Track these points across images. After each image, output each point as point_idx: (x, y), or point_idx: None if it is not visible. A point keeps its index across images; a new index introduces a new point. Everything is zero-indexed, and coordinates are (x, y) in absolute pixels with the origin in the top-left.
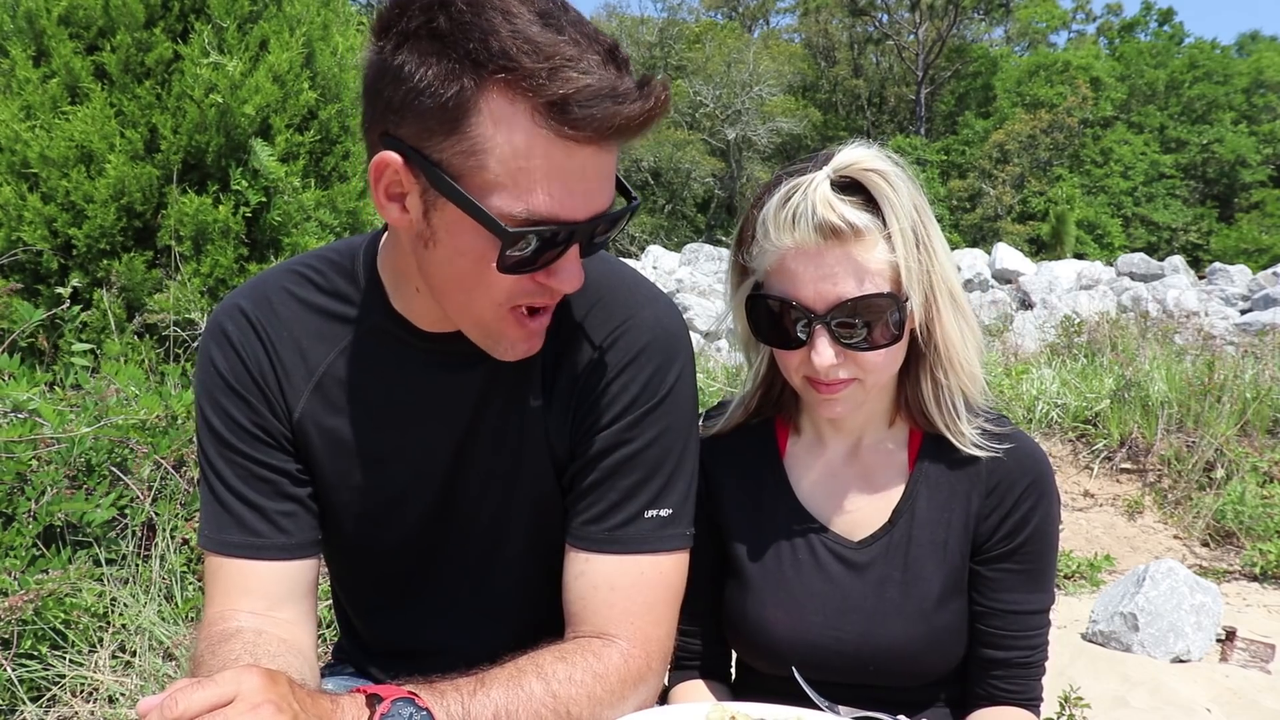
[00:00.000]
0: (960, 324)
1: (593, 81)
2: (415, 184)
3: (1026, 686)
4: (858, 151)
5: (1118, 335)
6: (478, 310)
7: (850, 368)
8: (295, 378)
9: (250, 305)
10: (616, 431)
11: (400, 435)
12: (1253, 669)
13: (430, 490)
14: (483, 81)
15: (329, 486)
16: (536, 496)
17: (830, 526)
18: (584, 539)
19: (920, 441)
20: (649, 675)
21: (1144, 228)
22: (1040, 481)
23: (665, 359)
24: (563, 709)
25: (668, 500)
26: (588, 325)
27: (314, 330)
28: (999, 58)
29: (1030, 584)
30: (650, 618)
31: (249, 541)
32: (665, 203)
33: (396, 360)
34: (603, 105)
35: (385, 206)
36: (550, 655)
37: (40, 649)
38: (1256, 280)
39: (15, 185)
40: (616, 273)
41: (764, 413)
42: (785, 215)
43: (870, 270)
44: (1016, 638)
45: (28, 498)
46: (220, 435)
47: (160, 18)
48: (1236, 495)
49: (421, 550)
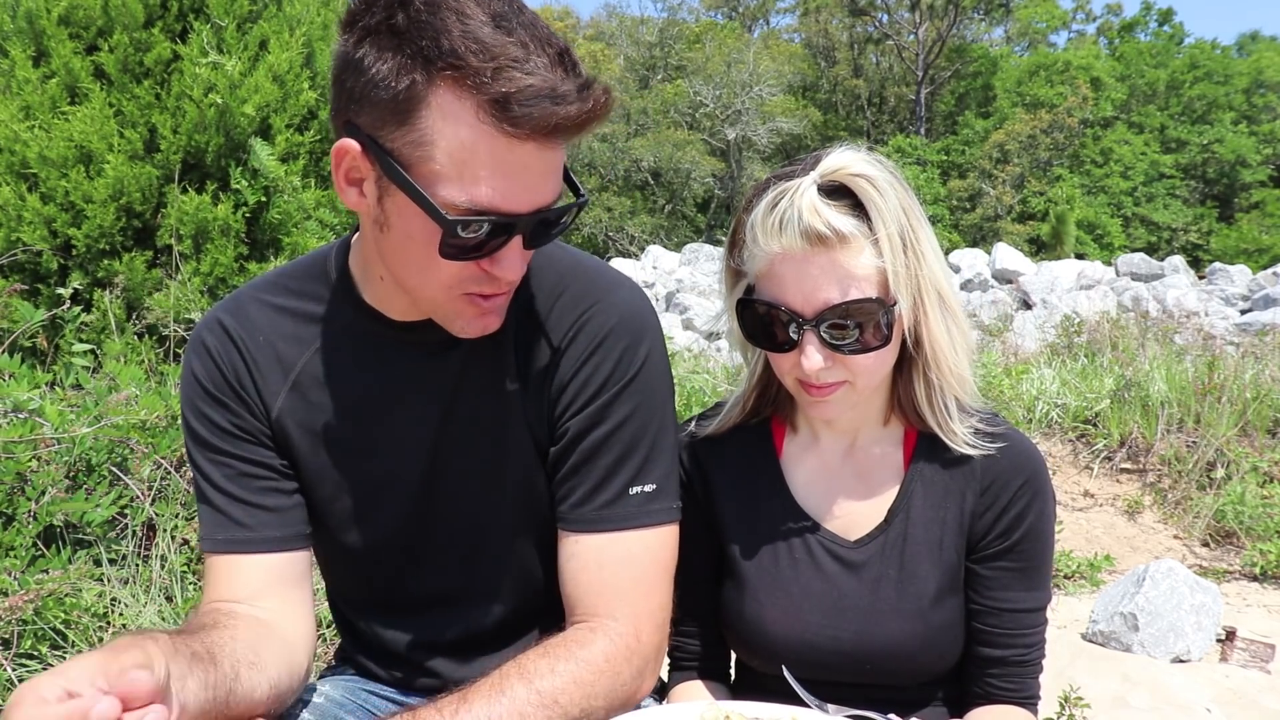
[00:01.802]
0: (949, 327)
1: (535, 82)
2: (371, 170)
3: (1024, 685)
4: (845, 156)
5: (1118, 335)
6: (430, 292)
7: (840, 371)
8: (272, 380)
9: (228, 317)
10: (591, 413)
11: (379, 426)
12: (1253, 669)
13: (413, 478)
14: (432, 77)
15: (313, 483)
16: (520, 479)
17: (826, 526)
18: (572, 521)
19: (915, 441)
20: (642, 649)
21: (1144, 228)
22: (1035, 479)
23: (633, 339)
24: (549, 701)
25: (650, 476)
26: (556, 312)
27: (288, 332)
28: (999, 58)
29: (1026, 582)
30: (640, 592)
31: (236, 536)
32: (665, 203)
33: (370, 352)
34: (541, 105)
35: (345, 190)
36: (534, 653)
37: (40, 649)
38: (1256, 280)
39: (15, 185)
40: (581, 262)
41: (761, 412)
42: (773, 221)
43: (857, 276)
44: (1013, 636)
45: (28, 498)
46: (203, 439)
47: (159, 18)
48: (1236, 495)
49: (410, 541)
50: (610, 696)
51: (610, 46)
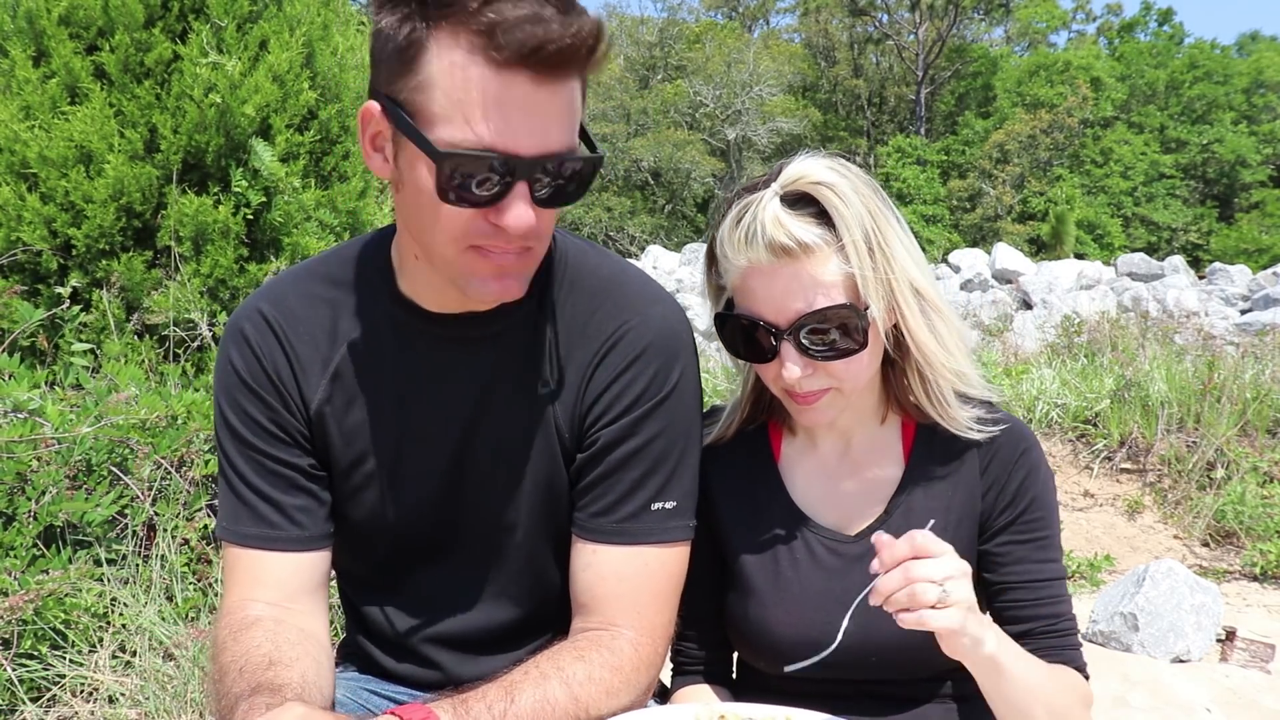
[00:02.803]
0: (932, 324)
1: (523, 12)
2: (388, 128)
3: (1061, 655)
4: (806, 164)
5: (1118, 335)
6: (440, 248)
7: (822, 377)
8: (312, 372)
9: (268, 306)
10: (622, 427)
11: (412, 417)
12: (1253, 669)
13: (439, 471)
14: (431, 23)
15: (343, 474)
16: (544, 481)
17: (826, 523)
18: (592, 530)
19: (915, 432)
20: (657, 661)
21: (1144, 228)
22: (1030, 450)
23: (669, 357)
24: (583, 711)
25: (673, 493)
26: (595, 321)
27: (328, 324)
28: (999, 58)
29: (1038, 551)
30: (655, 607)
31: (264, 533)
32: (665, 203)
33: (406, 344)
34: (524, 29)
35: (371, 156)
36: (569, 655)
37: (40, 649)
38: (1256, 280)
39: (14, 185)
40: (625, 272)
41: (757, 418)
42: (738, 235)
43: (825, 283)
44: (1035, 605)
45: (28, 498)
46: (237, 432)
47: (160, 18)
48: (1237, 495)
49: (431, 534)
50: (627, 704)
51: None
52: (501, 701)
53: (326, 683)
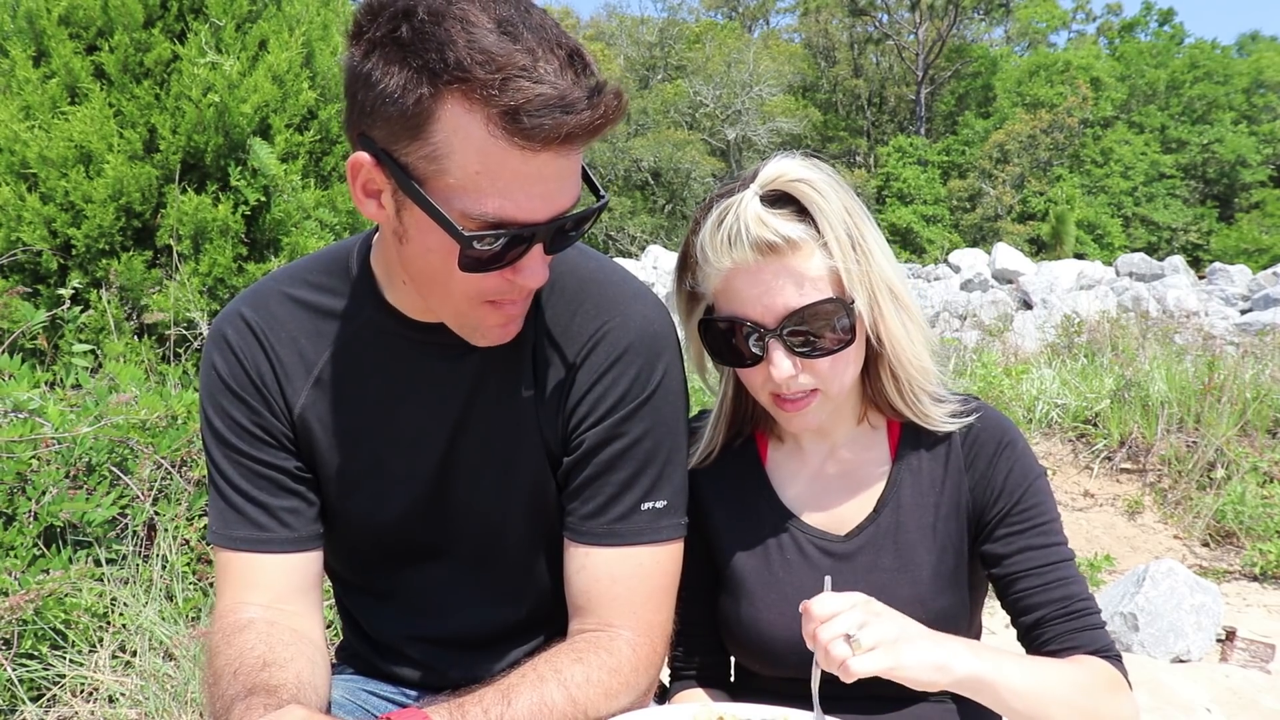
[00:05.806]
0: (904, 321)
1: (544, 90)
2: (387, 183)
3: (1084, 638)
4: (783, 164)
5: (1118, 335)
6: (453, 303)
7: (809, 376)
8: (295, 376)
9: (250, 310)
10: (607, 428)
11: (397, 423)
12: (1253, 669)
13: (426, 476)
14: (440, 91)
15: (331, 479)
16: (532, 484)
17: (816, 524)
18: (583, 533)
19: (899, 432)
20: (656, 661)
21: (1144, 228)
22: (1013, 441)
23: (651, 356)
24: (581, 714)
25: (663, 492)
26: (576, 322)
27: (311, 328)
28: (999, 58)
29: (1038, 537)
30: (651, 606)
31: (254, 536)
32: (665, 203)
33: (391, 351)
34: (552, 115)
35: (363, 202)
36: (567, 657)
37: (40, 649)
38: (1256, 280)
39: (14, 185)
40: (604, 270)
41: (742, 431)
42: (721, 237)
43: (810, 278)
44: (1044, 590)
45: (28, 498)
46: (223, 436)
47: (159, 18)
48: (1237, 495)
49: (420, 539)
50: (627, 706)
51: (610, 46)
52: (498, 705)
53: (322, 683)
